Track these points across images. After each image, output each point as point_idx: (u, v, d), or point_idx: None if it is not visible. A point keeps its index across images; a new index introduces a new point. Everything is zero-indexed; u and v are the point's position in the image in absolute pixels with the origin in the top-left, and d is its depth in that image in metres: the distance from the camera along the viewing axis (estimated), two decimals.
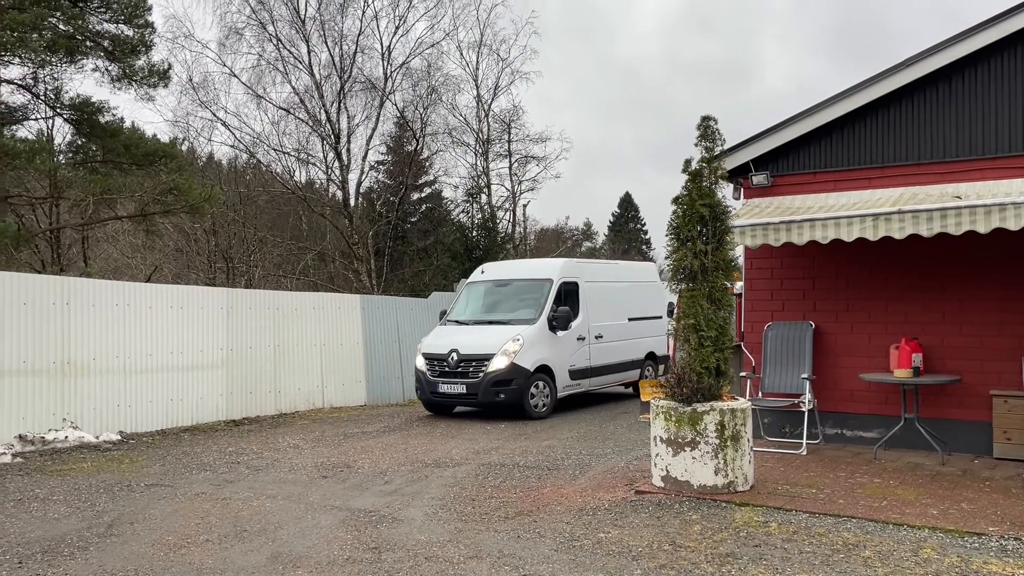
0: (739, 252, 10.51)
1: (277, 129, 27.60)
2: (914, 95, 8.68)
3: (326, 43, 27.56)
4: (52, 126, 21.42)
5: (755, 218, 8.17)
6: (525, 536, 6.09)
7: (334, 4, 27.47)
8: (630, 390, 16.19)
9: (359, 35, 27.79)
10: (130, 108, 64.03)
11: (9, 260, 15.95)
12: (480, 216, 30.88)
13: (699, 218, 7.24)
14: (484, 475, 8.54)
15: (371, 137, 28.82)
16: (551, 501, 7.20)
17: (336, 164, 27.84)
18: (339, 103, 27.46)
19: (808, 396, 8.79)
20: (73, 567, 5.47)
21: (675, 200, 7.36)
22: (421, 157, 32.76)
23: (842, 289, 9.21)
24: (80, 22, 19.31)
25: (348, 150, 28.21)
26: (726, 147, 8.01)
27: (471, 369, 12.97)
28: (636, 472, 8.25)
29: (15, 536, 6.24)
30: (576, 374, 14.09)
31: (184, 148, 26.27)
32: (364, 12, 28.36)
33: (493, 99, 32.98)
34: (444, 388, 13.19)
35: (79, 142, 20.24)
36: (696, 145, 7.45)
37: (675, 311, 7.56)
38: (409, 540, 6.04)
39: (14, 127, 20.05)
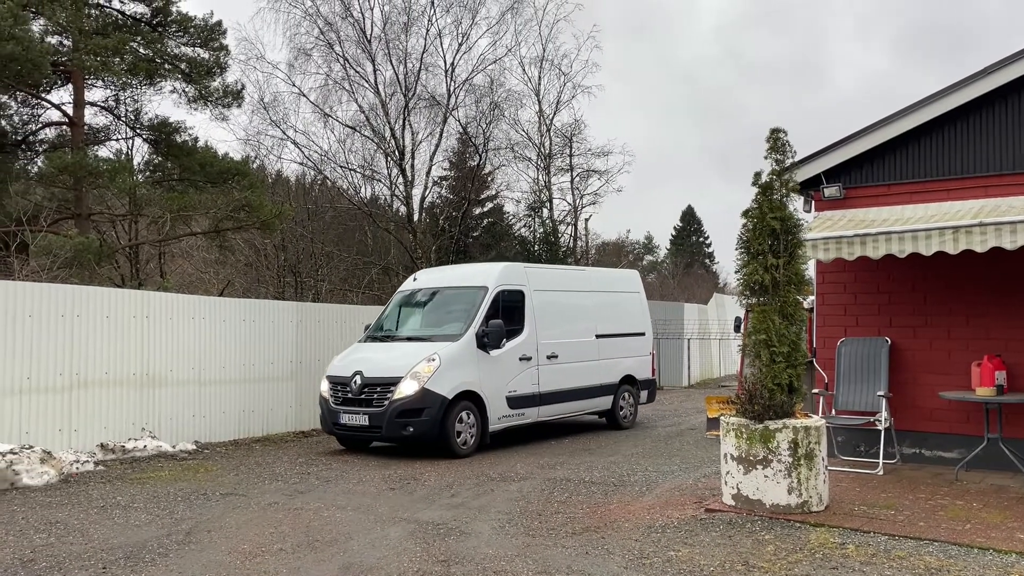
0: (810, 266, 10.30)
1: (343, 146, 28.13)
2: (995, 103, 8.40)
3: (391, 61, 28.04)
4: (132, 146, 22.27)
5: (828, 231, 8.00)
6: (593, 552, 6.05)
7: (399, 23, 27.94)
8: (603, 420, 13.85)
9: (423, 53, 28.18)
10: (204, 128, 66.42)
11: (91, 275, 16.58)
12: (542, 230, 30.92)
13: (770, 232, 7.12)
14: (550, 490, 8.52)
15: (434, 153, 29.15)
16: (619, 518, 7.14)
17: (400, 180, 28.25)
18: (403, 120, 27.87)
19: (884, 414, 8.53)
20: (154, 573, 5.64)
21: (745, 213, 7.26)
22: (483, 172, 33.03)
23: (919, 304, 8.93)
24: (159, 46, 20.11)
25: (412, 166, 28.58)
26: (796, 159, 7.87)
27: (375, 396, 10.66)
28: (705, 490, 8.12)
29: (99, 542, 6.47)
30: (518, 402, 11.61)
31: (255, 166, 26.99)
32: (428, 30, 28.74)
33: (555, 113, 33.07)
34: (346, 419, 10.82)
35: (157, 161, 21.01)
36: (766, 158, 7.35)
37: (742, 326, 7.44)
38: (477, 554, 6.05)
39: (97, 147, 20.94)
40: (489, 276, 11.91)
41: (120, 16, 20.25)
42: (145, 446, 10.94)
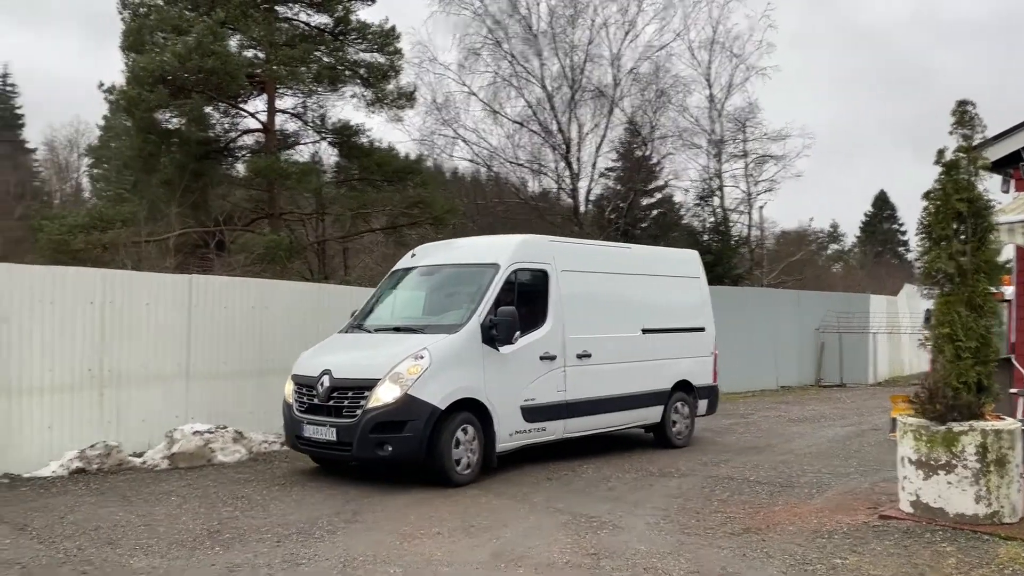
0: (1010, 253, 9.27)
1: (512, 142, 28.68)
2: None
3: (557, 55, 28.23)
4: (319, 149, 23.81)
5: None
6: (751, 555, 5.78)
7: (564, 16, 28.07)
8: (650, 435, 11.13)
9: (588, 44, 28.16)
10: (380, 129, 69.77)
11: (282, 270, 17.90)
12: (712, 220, 29.98)
13: (955, 215, 6.48)
14: (711, 488, 8.24)
15: (600, 144, 29.06)
16: (783, 520, 6.78)
17: (567, 173, 28.40)
18: (570, 113, 28.00)
19: None
20: (322, 549, 5.99)
21: (926, 195, 6.65)
22: (651, 162, 32.48)
23: None
24: (340, 54, 21.34)
25: (578, 159, 28.66)
26: (989, 134, 7.10)
27: (345, 403, 8.23)
28: (882, 495, 7.54)
29: (277, 516, 6.97)
30: (537, 413, 9.07)
31: (428, 164, 28.09)
32: (593, 21, 28.63)
33: (727, 98, 31.88)
34: (310, 431, 8.43)
35: (340, 162, 22.33)
36: (951, 133, 6.68)
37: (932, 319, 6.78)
38: (628, 549, 5.96)
39: (288, 151, 22.56)
40: (502, 251, 9.36)
41: (306, 27, 21.64)
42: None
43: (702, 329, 11.60)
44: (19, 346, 9.00)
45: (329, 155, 22.80)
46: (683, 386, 11.09)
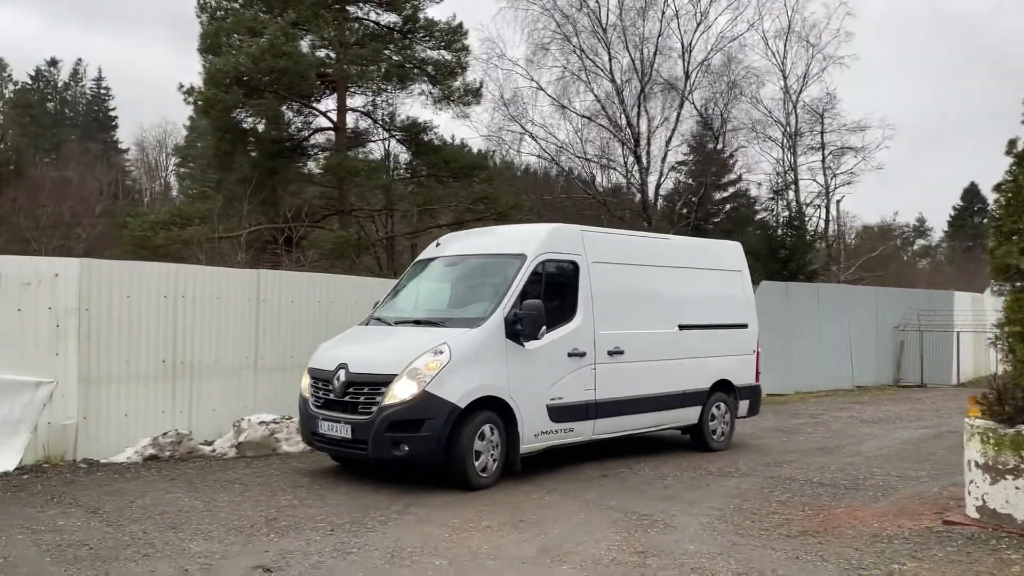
0: None
1: (580, 136, 28.58)
2: None
3: (627, 48, 27.99)
4: (388, 146, 24.26)
5: None
6: (805, 558, 5.63)
7: (634, 9, 27.79)
8: (687, 437, 10.56)
9: (659, 36, 27.84)
10: (447, 126, 70.30)
11: (351, 265, 18.30)
12: (787, 214, 29.22)
13: None
14: (771, 488, 8.06)
15: (670, 138, 28.70)
16: (842, 523, 6.58)
17: (636, 167, 28.13)
18: (639, 106, 27.71)
19: None
20: (372, 539, 6.10)
21: (997, 187, 6.35)
22: (723, 155, 31.88)
23: None
24: (409, 52, 21.67)
25: (648, 152, 28.37)
26: None
27: (361, 399, 7.88)
28: (950, 500, 7.24)
29: (332, 506, 7.12)
30: (564, 413, 8.60)
31: (496, 160, 28.25)
32: (664, 13, 28.27)
33: (802, 89, 31.08)
34: (325, 427, 8.11)
35: (408, 159, 22.69)
36: None
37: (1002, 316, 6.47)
38: (677, 548, 5.88)
39: (358, 149, 23.03)
40: (529, 242, 8.90)
41: (376, 26, 22.06)
42: None
43: (744, 326, 11.01)
44: (98, 338, 9.42)
45: (398, 152, 23.23)
46: (723, 386, 10.54)
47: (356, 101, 22.55)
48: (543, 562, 5.57)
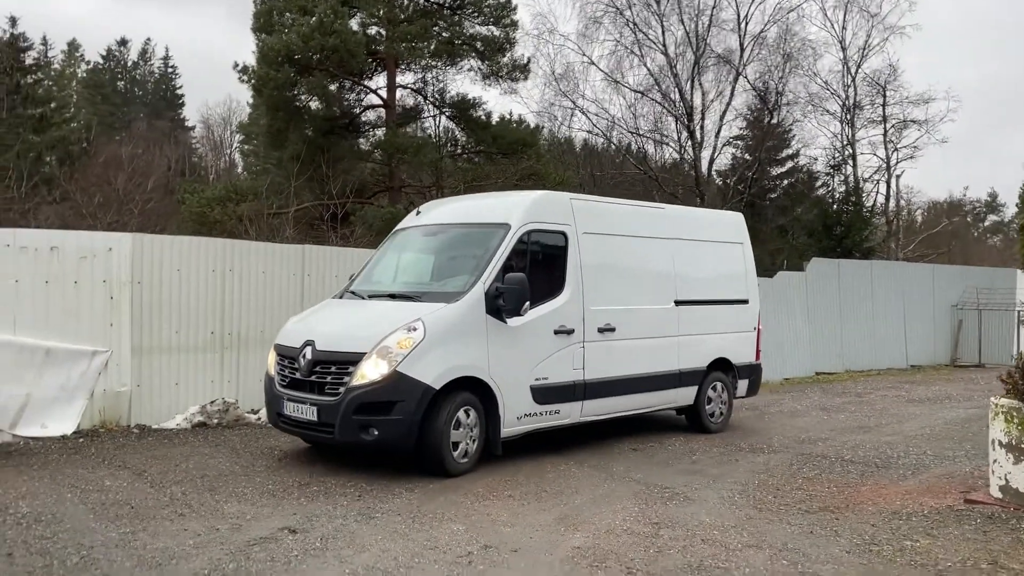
0: None
1: (633, 111, 28.30)
2: None
3: (681, 21, 27.51)
4: (438, 123, 24.44)
5: None
6: (819, 533, 5.66)
7: None
8: (682, 417, 10.17)
9: (713, 8, 27.27)
10: (496, 102, 70.07)
11: None
12: (843, 189, 28.48)
13: None
14: (799, 465, 8.04)
15: (724, 112, 28.19)
16: (864, 500, 6.57)
17: (689, 142, 27.76)
18: (692, 80, 27.28)
19: None
20: (397, 504, 6.33)
21: None
22: (779, 129, 31.20)
23: None
24: (458, 28, 21.74)
25: (701, 127, 27.95)
26: None
27: (328, 379, 7.32)
28: (979, 479, 7.12)
29: (364, 473, 7.33)
30: (549, 394, 8.07)
31: (546, 136, 28.17)
32: None
33: (862, 60, 30.10)
34: (290, 408, 7.54)
35: (457, 136, 22.84)
36: None
37: None
38: (692, 520, 5.96)
39: (408, 126, 23.27)
40: (514, 210, 8.27)
41: (425, 3, 22.16)
42: None
43: (745, 301, 10.53)
44: (150, 309, 9.84)
45: (447, 128, 23.39)
46: (721, 365, 10.06)
47: (406, 78, 22.78)
48: (557, 530, 5.72)
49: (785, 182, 34.60)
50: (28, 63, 35.97)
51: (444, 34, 21.45)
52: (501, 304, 7.57)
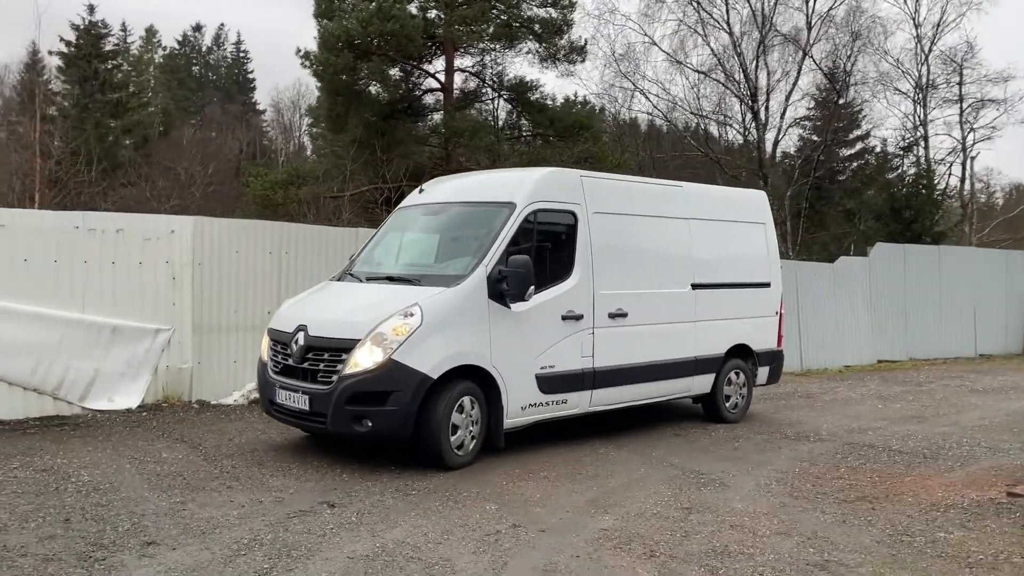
0: None
1: (695, 92, 27.86)
2: None
3: None
4: (496, 106, 24.49)
5: None
6: (851, 522, 5.62)
7: None
8: (698, 406, 9.75)
9: None
10: (553, 84, 69.31)
11: None
12: (913, 171, 27.53)
13: None
14: (844, 454, 7.93)
15: (790, 92, 27.52)
16: (905, 491, 6.47)
17: (753, 123, 27.19)
18: (757, 60, 26.69)
19: None
20: (436, 482, 6.48)
21: None
22: (849, 110, 30.30)
23: None
24: (516, 11, 21.73)
25: (766, 108, 27.35)
26: None
27: (321, 367, 6.94)
28: None
29: (409, 452, 7.54)
30: (556, 383, 7.66)
31: (607, 117, 27.98)
32: None
33: (937, 38, 28.95)
34: (282, 396, 7.16)
35: (514, 119, 22.89)
36: None
37: None
38: (724, 506, 5.97)
39: (466, 109, 23.40)
40: (519, 188, 7.80)
41: None
42: None
43: (767, 285, 10.01)
44: (210, 290, 10.24)
45: (504, 111, 23.45)
46: (740, 351, 9.58)
47: (465, 62, 22.90)
48: (587, 511, 5.81)
49: (855, 164, 33.61)
50: (107, 49, 37.30)
51: (502, 17, 21.48)
52: (504, 288, 7.16)
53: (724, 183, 30.59)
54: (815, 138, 31.17)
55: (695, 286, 9.08)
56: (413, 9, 20.17)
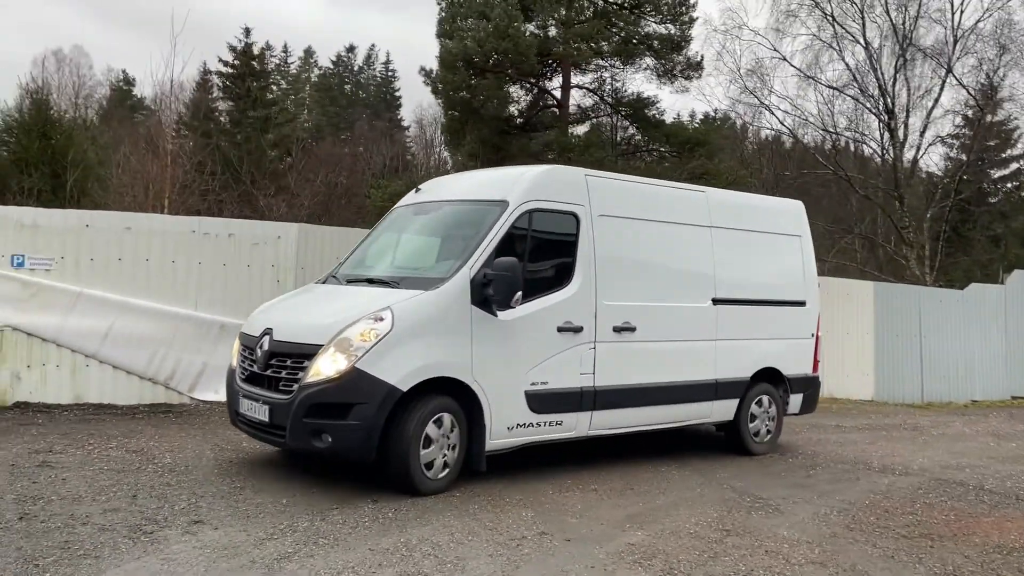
0: None
1: (828, 108, 26.73)
2: None
3: (887, 11, 25.60)
4: (615, 122, 24.43)
5: None
6: (900, 558, 5.31)
7: None
8: (721, 433, 8.86)
9: None
10: (668, 99, 67.81)
11: None
12: None
13: None
14: (926, 490, 7.45)
15: (932, 109, 25.88)
16: (976, 531, 6.03)
17: (890, 142, 25.79)
18: (896, 75, 25.31)
19: None
20: (480, 487, 6.58)
21: None
22: (1003, 128, 28.18)
23: None
24: (634, 27, 21.67)
25: (905, 125, 25.86)
26: None
27: (283, 374, 6.31)
28: None
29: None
30: (548, 401, 6.90)
31: (734, 132, 27.32)
32: None
33: None
34: (245, 405, 6.53)
35: (630, 135, 22.79)
36: None
37: None
38: (767, 532, 5.77)
39: (581, 125, 23.50)
40: (512, 186, 7.07)
41: (604, 3, 22.26)
42: None
43: (801, 303, 9.09)
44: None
45: (621, 127, 23.35)
46: (769, 375, 8.72)
47: (584, 79, 23.02)
48: (622, 526, 5.77)
49: (1008, 186, 31.21)
50: (261, 69, 40.18)
51: (620, 34, 21.48)
52: (490, 293, 6.44)
53: (856, 203, 29.25)
54: (963, 157, 29.18)
55: (716, 301, 8.28)
56: (532, 27, 20.55)
